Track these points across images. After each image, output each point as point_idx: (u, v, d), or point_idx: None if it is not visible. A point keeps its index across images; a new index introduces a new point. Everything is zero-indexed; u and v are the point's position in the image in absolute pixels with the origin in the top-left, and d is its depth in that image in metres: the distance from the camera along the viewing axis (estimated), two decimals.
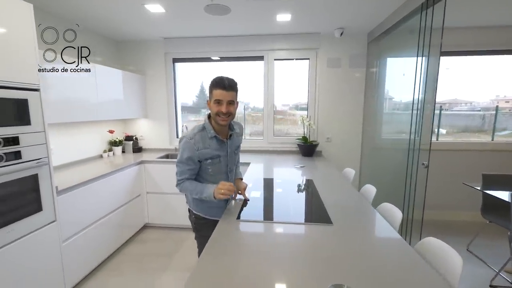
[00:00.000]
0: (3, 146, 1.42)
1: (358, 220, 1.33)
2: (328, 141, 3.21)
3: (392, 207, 1.54)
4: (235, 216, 1.34)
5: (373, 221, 1.32)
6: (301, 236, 1.16)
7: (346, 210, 1.46)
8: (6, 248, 1.45)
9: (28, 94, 1.56)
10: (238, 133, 1.52)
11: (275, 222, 1.28)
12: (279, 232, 1.19)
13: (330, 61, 3.07)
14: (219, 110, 1.27)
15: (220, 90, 1.26)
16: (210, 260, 0.96)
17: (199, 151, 1.31)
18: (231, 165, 1.48)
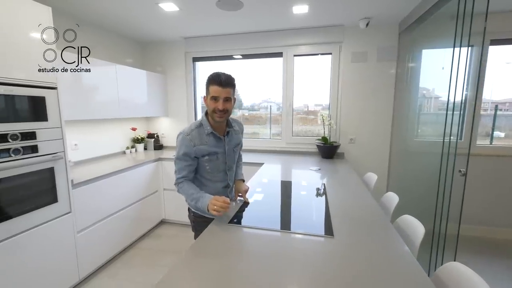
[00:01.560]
0: (20, 140, 1.52)
1: (366, 234, 1.15)
2: (351, 143, 2.96)
3: (414, 220, 1.32)
4: (228, 219, 1.25)
5: (384, 236, 1.13)
6: (292, 248, 1.02)
7: (355, 221, 1.28)
8: (23, 235, 1.56)
9: (45, 92, 1.66)
10: (237, 130, 1.48)
11: (266, 229, 1.16)
12: (267, 241, 1.07)
13: (355, 55, 2.81)
14: (216, 107, 1.23)
15: (216, 87, 1.22)
16: (188, 263, 0.89)
17: (196, 147, 1.28)
18: (230, 163, 1.42)
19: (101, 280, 2.06)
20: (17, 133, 1.50)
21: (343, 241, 1.06)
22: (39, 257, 1.66)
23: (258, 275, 0.84)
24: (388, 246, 1.03)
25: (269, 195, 1.66)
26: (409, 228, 1.32)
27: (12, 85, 1.48)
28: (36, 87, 1.60)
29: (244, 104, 3.47)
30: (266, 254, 0.97)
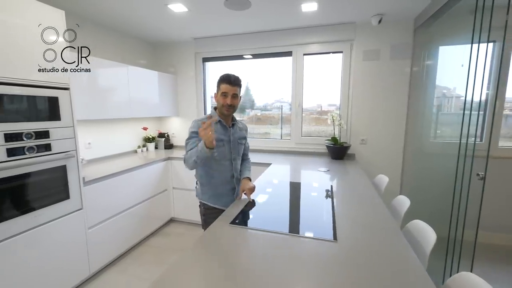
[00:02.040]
0: (34, 139, 1.59)
1: (371, 239, 1.10)
2: (363, 143, 2.87)
3: (425, 226, 1.25)
4: (230, 219, 1.24)
5: (390, 242, 1.07)
6: (291, 251, 0.99)
7: (361, 225, 1.23)
8: (36, 230, 1.63)
9: (58, 92, 1.72)
10: (241, 128, 1.64)
11: (265, 231, 1.14)
12: (265, 243, 1.05)
13: (367, 53, 2.73)
14: (225, 102, 1.43)
15: (226, 85, 1.42)
16: (183, 263, 0.89)
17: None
18: (234, 154, 1.55)
19: (111, 275, 2.12)
20: (31, 132, 1.57)
21: (347, 246, 1.02)
22: (53, 251, 1.73)
23: (251, 276, 0.82)
24: (393, 253, 0.98)
25: (273, 196, 1.64)
26: (419, 234, 1.26)
27: (27, 86, 1.54)
28: (50, 88, 1.67)
29: (257, 104, 3.45)
30: (262, 256, 0.95)
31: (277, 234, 1.11)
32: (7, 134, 1.45)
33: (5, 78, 1.43)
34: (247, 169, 1.67)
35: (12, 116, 1.48)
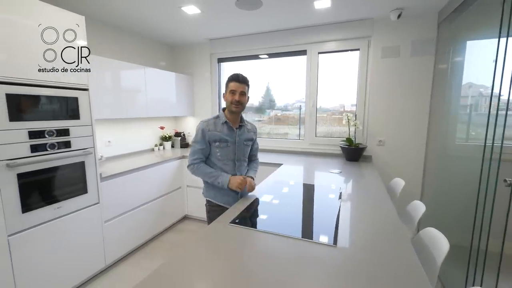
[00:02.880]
0: (55, 136, 1.71)
1: (374, 245, 1.04)
2: (380, 145, 2.74)
3: (437, 234, 1.17)
4: (230, 219, 1.24)
5: (395, 250, 1.00)
6: (286, 253, 0.96)
7: (366, 231, 1.17)
8: (55, 221, 1.75)
9: (78, 93, 1.83)
10: (249, 129, 1.65)
11: (263, 232, 1.12)
12: (261, 243, 1.03)
13: (386, 50, 2.60)
14: (233, 99, 1.47)
15: (234, 83, 1.47)
16: (176, 263, 0.90)
17: (210, 132, 1.49)
18: (239, 155, 1.56)
19: (124, 268, 2.21)
20: (53, 129, 1.69)
21: (346, 252, 0.97)
22: (72, 241, 1.85)
23: (243, 276, 0.81)
24: (396, 262, 0.92)
25: (277, 197, 1.61)
26: (431, 242, 1.18)
27: (49, 87, 1.66)
28: (70, 89, 1.78)
29: (278, 105, 3.43)
30: (254, 255, 0.93)
31: (275, 235, 1.09)
32: (31, 132, 1.57)
33: (30, 80, 1.55)
34: (253, 169, 1.69)
35: (35, 115, 1.60)
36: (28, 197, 1.58)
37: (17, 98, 1.49)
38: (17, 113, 1.50)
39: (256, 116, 3.59)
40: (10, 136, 1.48)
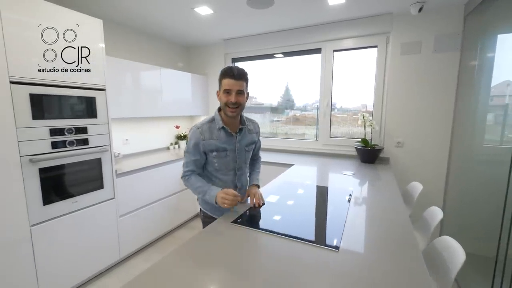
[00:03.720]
0: (74, 134, 1.81)
1: (379, 253, 0.98)
2: (399, 146, 2.60)
3: (453, 243, 1.08)
4: (232, 218, 1.24)
5: (402, 259, 0.94)
6: (286, 255, 0.94)
7: (372, 237, 1.11)
8: (74, 214, 1.85)
9: (96, 93, 1.93)
10: (251, 130, 1.43)
11: (266, 232, 1.10)
12: (262, 244, 1.02)
13: (406, 46, 2.46)
14: (228, 100, 1.22)
15: (228, 79, 1.21)
16: (173, 259, 0.91)
17: (205, 141, 1.27)
18: (240, 162, 1.38)
19: (137, 262, 2.30)
20: (72, 127, 1.79)
21: (348, 257, 0.92)
22: (89, 234, 1.95)
23: (232, 275, 0.80)
24: (401, 272, 0.86)
25: (283, 197, 1.58)
26: (446, 251, 1.09)
27: (69, 87, 1.76)
28: (88, 89, 1.88)
29: (297, 105, 3.38)
30: (251, 255, 0.92)
31: (275, 236, 1.06)
32: (52, 129, 1.68)
33: (51, 81, 1.66)
34: (256, 172, 1.54)
35: (56, 113, 1.70)
36: (48, 190, 1.69)
37: (39, 98, 1.60)
38: (39, 112, 1.61)
39: (275, 116, 3.54)
40: (33, 133, 1.59)
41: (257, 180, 1.51)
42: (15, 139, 1.51)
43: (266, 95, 3.57)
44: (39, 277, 1.66)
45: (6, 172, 1.48)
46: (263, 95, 3.60)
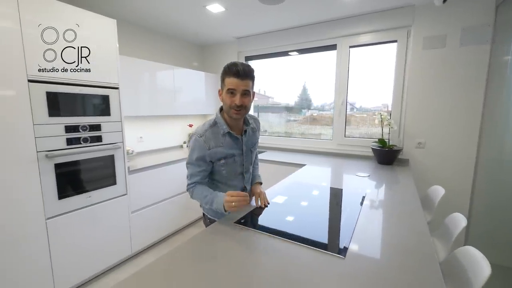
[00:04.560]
0: (88, 131, 1.86)
1: (389, 261, 0.90)
2: (420, 147, 2.43)
3: (478, 255, 0.97)
4: (236, 218, 1.20)
5: (416, 270, 0.85)
6: (286, 259, 0.88)
7: (384, 244, 1.03)
8: (87, 209, 1.91)
9: (109, 91, 1.97)
10: (254, 128, 1.35)
11: (268, 234, 1.05)
12: (263, 246, 0.97)
13: (429, 40, 2.29)
14: (232, 102, 1.11)
15: (233, 78, 1.08)
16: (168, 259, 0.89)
17: (211, 150, 1.16)
18: (247, 165, 1.32)
19: (148, 257, 2.34)
20: (86, 125, 1.84)
21: (355, 266, 0.85)
22: (102, 228, 2.00)
23: (228, 277, 0.76)
24: (415, 282, 0.78)
25: (290, 198, 1.52)
26: (469, 263, 0.98)
27: (84, 85, 1.81)
28: (102, 87, 1.93)
29: (314, 104, 3.30)
30: (250, 258, 0.88)
31: (278, 239, 1.01)
32: (67, 126, 1.74)
33: (67, 79, 1.71)
34: (256, 168, 1.46)
35: (71, 111, 1.76)
36: (63, 185, 1.75)
37: (55, 96, 1.66)
38: (55, 109, 1.67)
39: (291, 116, 3.46)
40: (49, 130, 1.65)
41: (259, 177, 1.46)
42: (32, 135, 1.57)
43: (283, 95, 3.50)
44: (54, 269, 1.72)
45: (24, 167, 1.55)
46: (280, 94, 3.53)
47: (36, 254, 1.64)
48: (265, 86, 3.63)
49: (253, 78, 1.15)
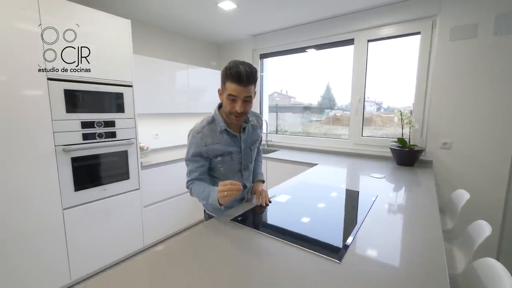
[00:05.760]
0: (103, 127, 1.95)
1: (390, 268, 0.81)
2: (445, 148, 2.23)
3: (498, 268, 0.86)
4: (233, 215, 1.18)
5: (419, 282, 0.76)
6: (276, 259, 0.84)
7: (387, 250, 0.93)
8: (102, 201, 2.00)
9: (123, 89, 2.05)
10: (255, 125, 1.30)
11: (262, 233, 1.01)
12: (257, 245, 0.93)
13: (457, 30, 2.09)
14: (233, 108, 1.08)
15: (234, 85, 1.03)
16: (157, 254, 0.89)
17: (208, 147, 1.15)
18: (245, 162, 1.28)
19: None
20: (101, 121, 1.93)
21: (350, 272, 0.78)
22: (116, 220, 2.09)
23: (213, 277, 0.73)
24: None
25: (294, 198, 1.45)
26: (489, 279, 0.86)
27: (99, 83, 1.90)
28: (117, 85, 2.01)
29: (338, 104, 3.18)
30: (239, 256, 0.84)
31: (272, 238, 0.97)
32: (83, 122, 1.83)
33: (83, 77, 1.81)
34: (258, 166, 1.43)
35: (87, 108, 1.85)
36: (79, 178, 1.85)
37: (72, 93, 1.76)
38: (72, 106, 1.77)
39: (313, 116, 3.34)
40: (66, 125, 1.75)
41: (261, 175, 1.42)
42: (51, 130, 1.68)
43: (305, 95, 3.39)
44: (70, 256, 1.83)
45: (43, 160, 1.66)
46: (302, 94, 3.43)
47: (54, 243, 1.75)
48: (287, 86, 3.55)
49: (256, 80, 1.09)
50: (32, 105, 1.59)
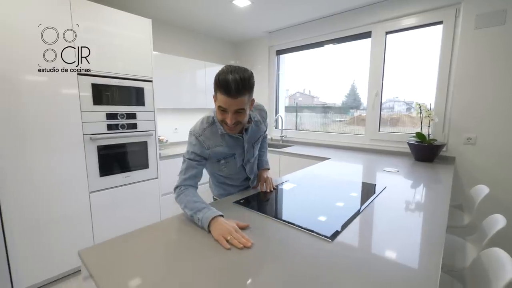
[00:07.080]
0: (126, 119, 2.11)
1: (380, 250, 0.81)
2: (469, 143, 2.10)
3: (502, 256, 0.83)
4: (236, 198, 1.23)
5: (407, 259, 0.75)
6: (273, 237, 0.87)
7: (382, 236, 0.93)
8: (124, 187, 2.16)
9: (144, 84, 2.20)
10: (258, 121, 1.25)
11: (261, 214, 1.07)
12: (255, 225, 0.97)
13: (482, 18, 1.96)
14: (224, 119, 1.01)
15: (224, 96, 0.93)
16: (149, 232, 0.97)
17: (210, 150, 1.11)
18: (249, 158, 1.25)
19: None
20: (123, 113, 2.09)
21: (340, 250, 0.80)
22: (136, 206, 2.24)
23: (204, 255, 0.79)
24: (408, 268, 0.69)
25: (299, 186, 1.47)
26: (492, 267, 0.83)
27: (122, 78, 2.06)
28: (138, 80, 2.16)
29: (364, 104, 3.11)
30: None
31: (270, 219, 1.01)
32: (108, 114, 2.00)
33: (108, 73, 1.97)
34: (264, 154, 1.43)
35: (111, 100, 2.02)
36: (104, 164, 2.02)
37: (99, 87, 1.93)
38: (99, 98, 1.94)
39: (337, 116, 3.24)
40: (93, 116, 1.92)
41: (266, 163, 1.44)
42: (80, 120, 1.86)
43: (329, 94, 3.31)
44: (95, 235, 2.00)
45: (74, 147, 1.84)
46: (326, 94, 3.35)
47: (81, 225, 1.93)
48: (310, 85, 3.51)
49: (249, 89, 0.97)
50: (65, 98, 1.78)
